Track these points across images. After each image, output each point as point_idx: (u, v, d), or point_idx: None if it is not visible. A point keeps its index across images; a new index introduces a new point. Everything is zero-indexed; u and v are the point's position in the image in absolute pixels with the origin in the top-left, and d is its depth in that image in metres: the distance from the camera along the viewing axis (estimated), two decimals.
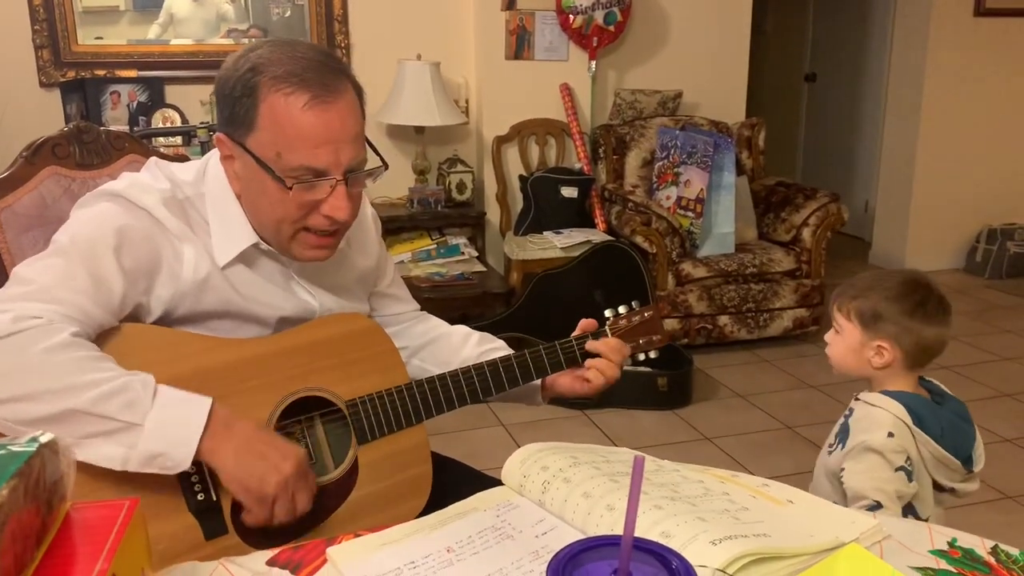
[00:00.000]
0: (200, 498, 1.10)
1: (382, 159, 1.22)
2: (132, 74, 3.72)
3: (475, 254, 3.88)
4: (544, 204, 3.86)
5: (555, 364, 1.34)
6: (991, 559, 0.91)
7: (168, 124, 3.64)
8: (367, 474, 1.22)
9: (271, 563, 0.92)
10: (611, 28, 4.01)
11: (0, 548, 0.56)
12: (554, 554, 0.71)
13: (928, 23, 4.80)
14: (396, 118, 3.80)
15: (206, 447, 1.04)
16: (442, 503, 1.03)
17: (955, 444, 1.41)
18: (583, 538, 0.74)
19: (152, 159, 1.24)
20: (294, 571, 0.91)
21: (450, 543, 0.93)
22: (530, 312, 3.51)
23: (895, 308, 1.42)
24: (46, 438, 0.65)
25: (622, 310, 1.39)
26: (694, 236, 3.82)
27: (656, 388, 3.28)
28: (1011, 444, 2.98)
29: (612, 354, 1.33)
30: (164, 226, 1.14)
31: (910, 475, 1.38)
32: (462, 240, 3.89)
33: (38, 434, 0.65)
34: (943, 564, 0.90)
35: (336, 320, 1.27)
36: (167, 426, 1.02)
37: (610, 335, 1.37)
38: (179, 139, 3.53)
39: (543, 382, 1.39)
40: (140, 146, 1.49)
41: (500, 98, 4.07)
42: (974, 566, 0.89)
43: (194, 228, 1.17)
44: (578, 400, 3.24)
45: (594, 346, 1.34)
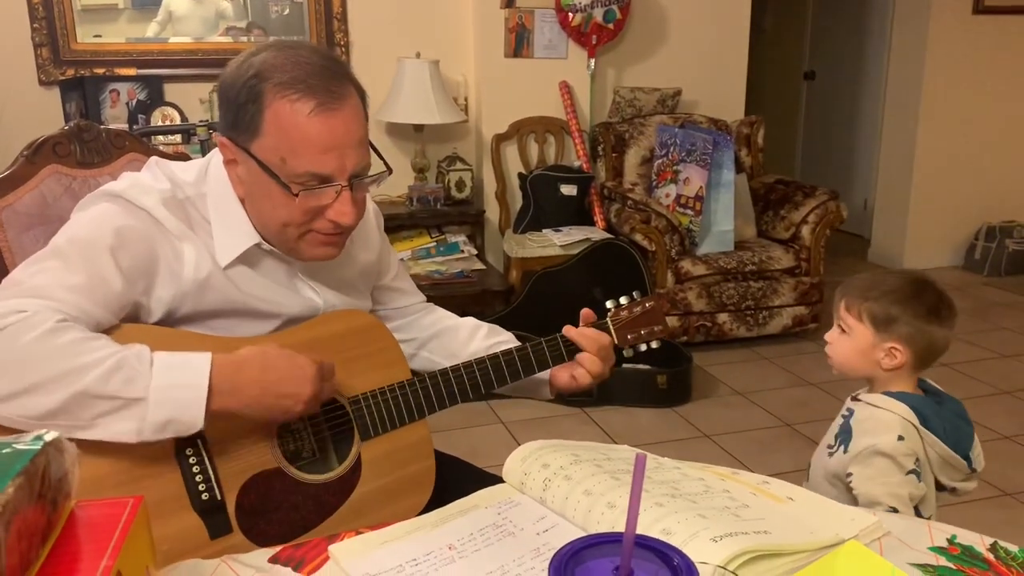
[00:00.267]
0: (204, 497, 1.10)
1: (386, 164, 1.22)
2: (131, 72, 3.72)
3: (474, 252, 3.88)
4: (543, 202, 3.86)
5: (555, 358, 1.33)
6: (990, 556, 0.91)
7: (167, 122, 3.64)
8: (370, 470, 1.22)
9: (273, 560, 0.93)
10: (610, 26, 4.01)
11: (6, 546, 0.56)
12: (556, 551, 0.71)
13: (927, 21, 4.80)
14: (395, 116, 3.80)
15: (216, 405, 1.04)
16: (443, 501, 1.04)
17: (956, 443, 1.40)
18: (584, 535, 0.74)
19: (153, 158, 1.24)
20: (296, 568, 0.91)
21: (452, 540, 0.93)
22: (529, 310, 3.51)
23: (910, 311, 1.41)
24: (50, 436, 0.65)
25: (623, 301, 1.38)
26: (693, 234, 3.83)
27: (656, 386, 3.28)
28: (1010, 441, 2.98)
29: (588, 344, 1.31)
30: (164, 226, 1.14)
31: (919, 477, 1.37)
32: (461, 238, 3.88)
33: (42, 432, 0.66)
34: (942, 561, 0.90)
35: (337, 317, 1.27)
36: (171, 393, 1.02)
37: (612, 327, 1.37)
38: (178, 137, 3.52)
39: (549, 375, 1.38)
40: (140, 144, 1.49)
41: (499, 96, 4.07)
42: (973, 563, 0.90)
43: (195, 228, 1.17)
44: (577, 397, 3.24)
45: (570, 333, 1.32)
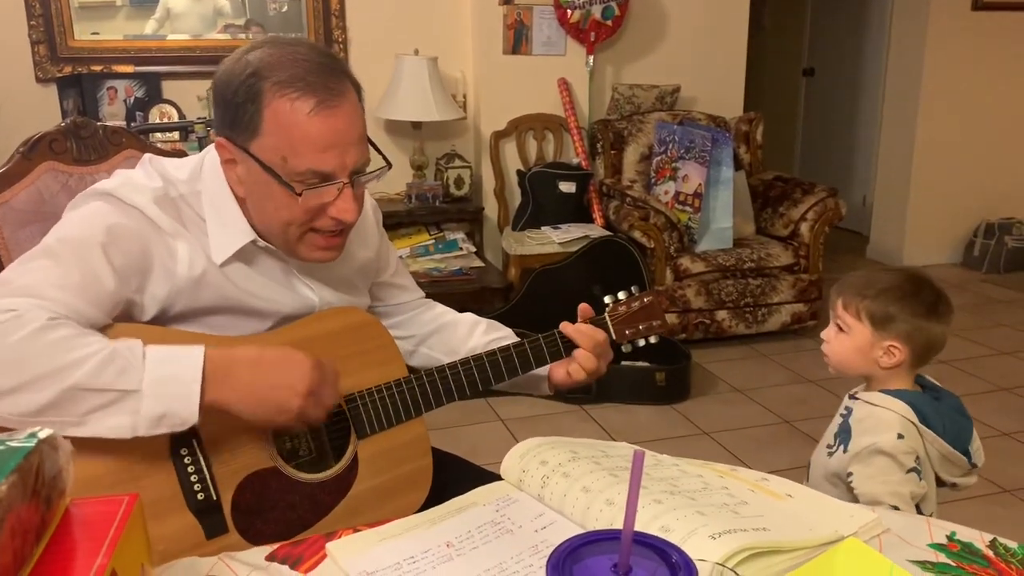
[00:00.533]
0: (200, 497, 1.10)
1: (385, 159, 1.22)
2: (129, 69, 3.71)
3: (473, 249, 3.87)
4: (542, 199, 3.85)
5: (553, 353, 1.33)
6: (989, 552, 0.91)
7: (165, 119, 3.63)
8: (367, 468, 1.22)
9: (270, 558, 0.93)
10: (609, 23, 4.00)
11: None
12: (554, 548, 0.71)
13: (926, 17, 4.79)
14: (394, 113, 3.79)
15: (210, 398, 1.03)
16: (441, 498, 1.03)
17: (955, 439, 1.40)
18: (583, 532, 0.74)
19: (146, 156, 1.23)
20: (293, 566, 0.91)
21: (450, 538, 0.93)
22: (528, 307, 3.51)
23: (908, 308, 1.41)
24: (45, 433, 0.65)
25: (621, 296, 1.38)
26: (692, 231, 3.82)
27: (654, 383, 3.28)
28: (1009, 438, 2.98)
29: (583, 340, 1.31)
30: (156, 224, 1.13)
31: (920, 475, 1.37)
32: (460, 235, 3.88)
33: (36, 429, 0.65)
34: (942, 557, 0.90)
35: (334, 314, 1.26)
36: (164, 385, 1.01)
37: (610, 322, 1.37)
38: (176, 134, 3.52)
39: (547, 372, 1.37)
40: (137, 141, 1.49)
41: (498, 93, 4.06)
42: (973, 559, 0.90)
43: (188, 225, 1.16)
44: (576, 394, 3.24)
45: (566, 329, 1.32)
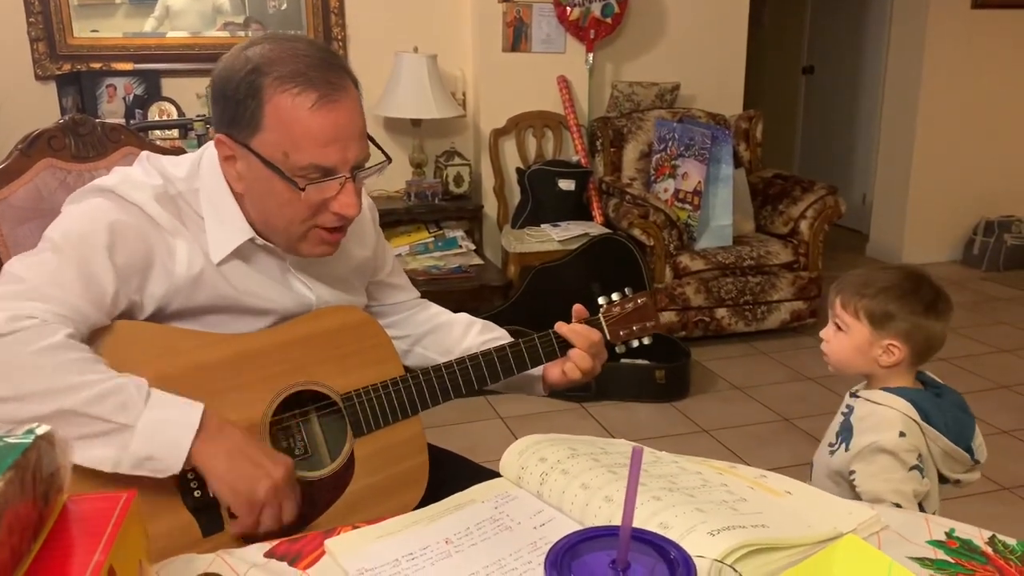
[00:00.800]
0: (197, 495, 1.10)
1: (385, 153, 1.22)
2: (128, 67, 3.71)
3: (472, 247, 3.87)
4: (541, 197, 3.85)
5: (548, 354, 1.33)
6: (988, 549, 0.91)
7: (164, 117, 3.63)
8: (364, 467, 1.22)
9: (269, 555, 0.93)
10: (608, 20, 4.00)
11: None
12: (552, 545, 0.71)
13: (926, 16, 4.79)
14: (393, 111, 3.79)
15: (197, 451, 1.04)
16: (440, 496, 1.04)
17: (957, 436, 1.39)
18: (581, 529, 0.74)
19: (144, 153, 1.23)
20: (292, 563, 0.91)
21: (448, 535, 0.93)
22: (528, 305, 3.51)
23: (907, 307, 1.41)
24: (42, 430, 0.65)
25: (615, 297, 1.39)
26: (692, 229, 3.82)
27: (654, 381, 3.28)
28: (1008, 436, 2.99)
29: (578, 340, 1.32)
30: (156, 222, 1.14)
31: (922, 472, 1.37)
32: (459, 233, 3.88)
33: (34, 426, 0.65)
34: (941, 554, 0.90)
35: (330, 313, 1.26)
36: (159, 429, 1.02)
37: (604, 322, 1.37)
38: (175, 132, 3.52)
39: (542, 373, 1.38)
40: (136, 139, 1.49)
41: (497, 91, 4.06)
42: (972, 556, 0.90)
43: (186, 223, 1.16)
44: (575, 392, 3.24)
45: (561, 329, 1.33)
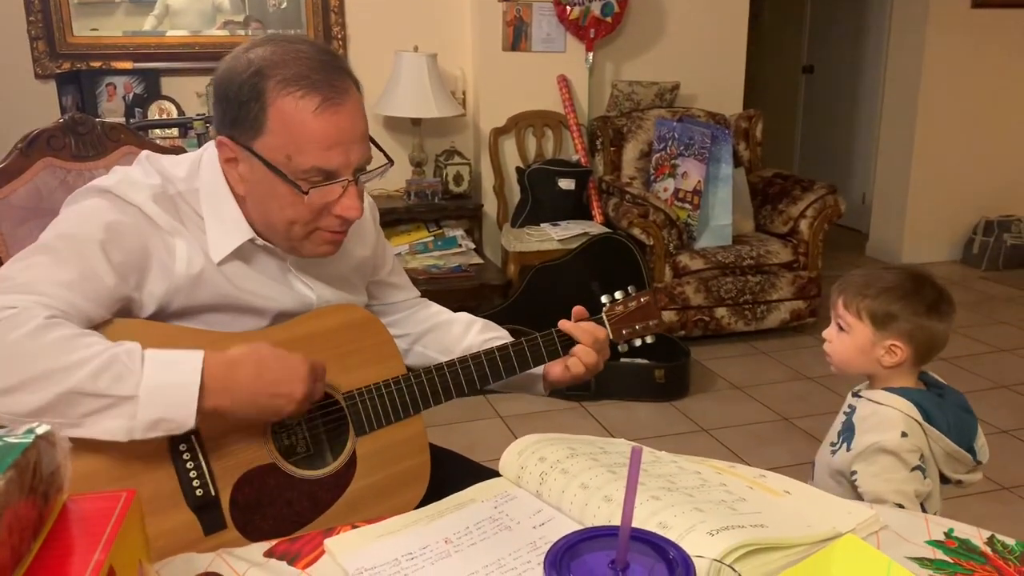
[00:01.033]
0: (199, 493, 1.10)
1: (387, 156, 1.22)
2: (128, 66, 3.70)
3: (472, 246, 3.87)
4: (541, 196, 3.85)
5: (551, 352, 1.33)
6: (987, 549, 0.91)
7: (164, 116, 3.63)
8: (365, 465, 1.22)
9: (268, 554, 0.93)
10: (608, 19, 4.00)
11: None
12: (551, 545, 0.71)
13: (926, 15, 4.79)
14: (393, 110, 3.79)
15: (208, 404, 1.03)
16: (440, 495, 1.04)
17: (960, 436, 1.39)
18: (580, 529, 0.74)
19: (144, 153, 1.23)
20: (291, 562, 0.91)
21: (448, 534, 0.93)
22: (527, 304, 3.51)
23: (909, 307, 1.41)
24: (42, 429, 0.65)
25: (618, 296, 1.39)
26: (691, 228, 3.82)
27: (653, 380, 3.28)
28: (1008, 435, 2.99)
29: (583, 336, 1.32)
30: (154, 222, 1.13)
31: (924, 473, 1.37)
32: (459, 232, 3.88)
33: (34, 425, 0.65)
34: (940, 554, 0.90)
35: (332, 312, 1.26)
36: (161, 391, 1.00)
37: (607, 321, 1.37)
38: (175, 131, 3.52)
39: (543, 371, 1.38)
40: (136, 138, 1.49)
41: (497, 90, 4.06)
42: (970, 556, 0.90)
43: (186, 223, 1.16)
44: (575, 391, 3.24)
45: (565, 326, 1.33)
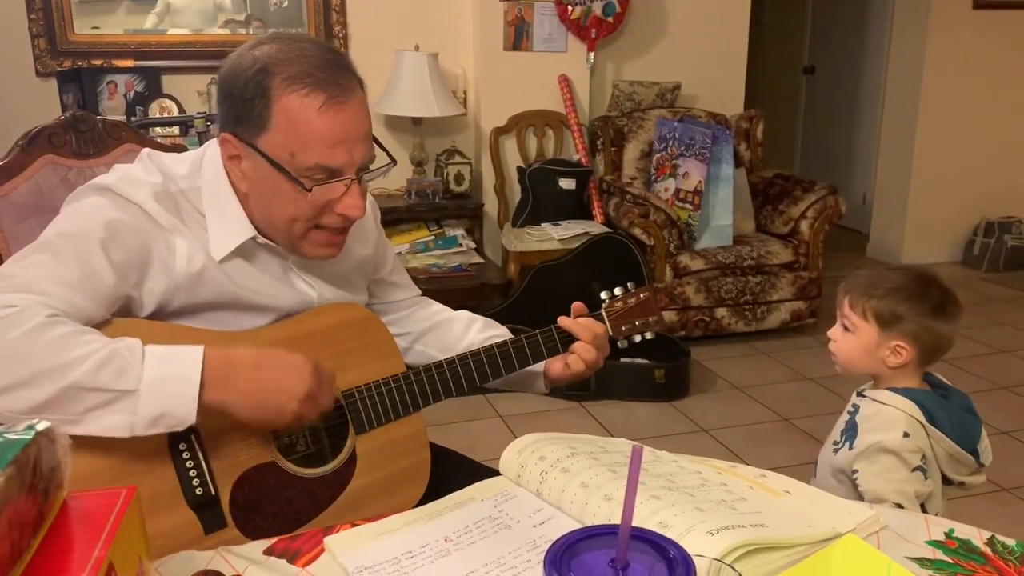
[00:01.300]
0: (198, 492, 1.09)
1: (390, 155, 1.22)
2: (129, 64, 3.70)
3: (473, 246, 3.88)
4: (542, 196, 3.85)
5: (550, 349, 1.33)
6: (987, 550, 0.91)
7: (165, 114, 3.63)
8: (365, 463, 1.22)
9: (268, 552, 0.93)
10: (610, 19, 4.00)
11: None
12: (551, 543, 0.71)
13: (927, 16, 4.79)
14: (394, 109, 3.79)
15: (208, 399, 1.02)
16: (439, 494, 1.04)
17: (963, 438, 1.39)
18: (580, 527, 0.74)
19: (145, 151, 1.23)
20: (291, 560, 0.91)
21: (448, 533, 0.93)
22: (527, 304, 3.51)
23: (916, 308, 1.41)
24: (42, 426, 0.65)
25: (618, 292, 1.39)
26: (692, 228, 3.82)
27: (653, 380, 3.28)
28: (1008, 437, 2.99)
29: (582, 332, 1.32)
30: (155, 220, 1.13)
31: (925, 473, 1.37)
32: (460, 232, 3.88)
33: (34, 422, 0.65)
34: (940, 555, 0.90)
35: (332, 310, 1.26)
36: (162, 386, 1.00)
37: (606, 318, 1.37)
38: (176, 129, 3.52)
39: (543, 369, 1.38)
40: (137, 135, 1.49)
41: (498, 89, 4.05)
42: (970, 556, 0.90)
43: (187, 221, 1.16)
44: (575, 391, 3.24)
45: (564, 323, 1.33)
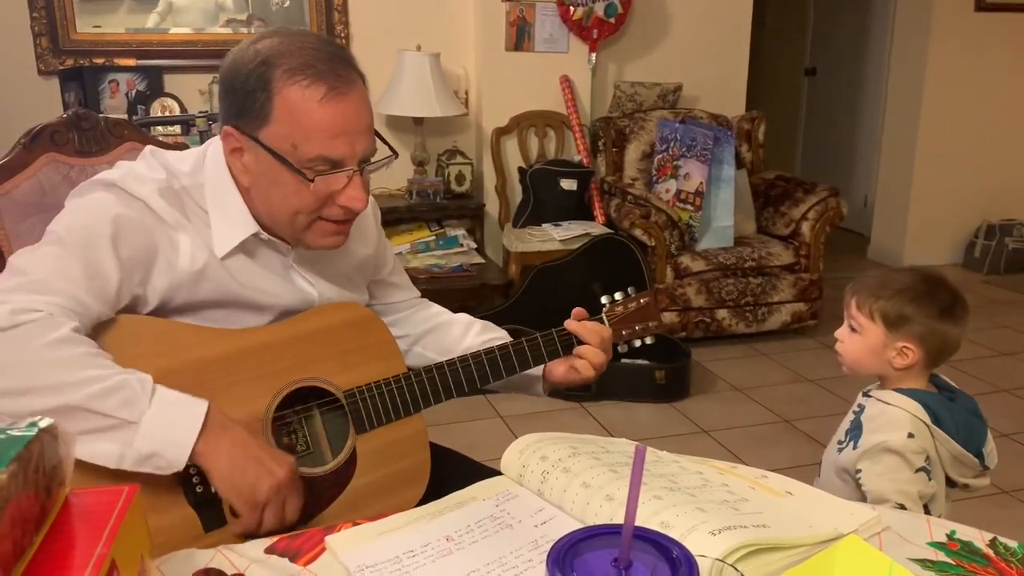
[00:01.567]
0: (199, 491, 1.10)
1: (391, 148, 1.22)
2: (131, 63, 3.71)
3: (474, 246, 3.87)
4: (543, 196, 3.85)
5: (551, 352, 1.33)
6: (990, 551, 0.91)
7: (167, 113, 3.63)
8: (366, 463, 1.22)
9: (269, 551, 0.93)
10: (611, 20, 4.00)
11: None
12: (553, 543, 0.71)
13: (929, 18, 4.79)
14: (395, 109, 3.79)
15: (200, 449, 1.04)
16: (440, 494, 1.04)
17: (968, 440, 1.39)
18: (582, 527, 0.74)
19: (148, 148, 1.23)
20: (293, 559, 0.91)
21: (449, 532, 0.93)
22: (528, 305, 3.51)
23: (923, 310, 1.40)
24: (45, 423, 0.65)
25: (618, 296, 1.39)
26: (693, 229, 3.82)
27: (654, 381, 3.28)
28: (1008, 439, 2.98)
29: (590, 336, 1.32)
30: (160, 216, 1.14)
31: (929, 475, 1.36)
32: (461, 232, 3.88)
33: (37, 419, 0.65)
34: (942, 556, 0.90)
35: (333, 309, 1.26)
36: (163, 426, 1.02)
37: (607, 322, 1.37)
38: (178, 128, 3.52)
39: (543, 372, 1.38)
40: (139, 134, 1.49)
41: (500, 90, 4.05)
42: (972, 558, 0.90)
43: (190, 218, 1.16)
44: (576, 392, 3.24)
45: (571, 326, 1.33)
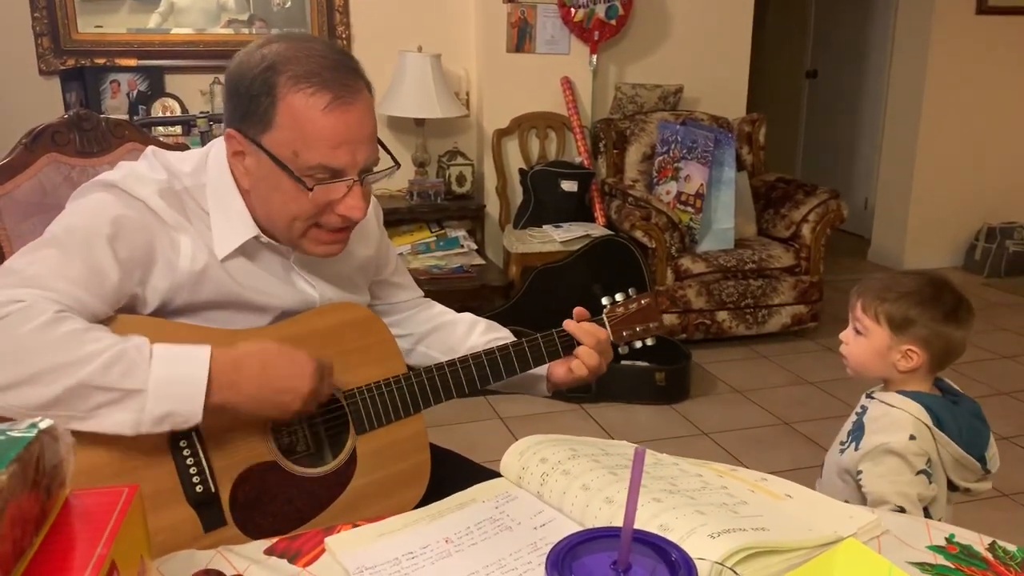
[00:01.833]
0: (199, 490, 1.10)
1: (394, 159, 1.22)
2: (132, 63, 3.71)
3: (474, 247, 3.87)
4: (544, 198, 3.85)
5: (551, 353, 1.33)
6: (988, 555, 0.91)
7: (168, 113, 3.63)
8: (366, 464, 1.22)
9: (269, 552, 0.93)
10: (613, 22, 4.00)
11: None
12: (552, 546, 0.71)
13: (930, 21, 4.79)
14: (396, 110, 3.79)
15: (215, 399, 1.03)
16: (440, 495, 1.04)
17: (971, 444, 1.39)
18: (581, 530, 0.74)
19: (150, 148, 1.23)
20: (292, 560, 0.91)
21: (448, 534, 0.93)
22: (529, 306, 3.51)
23: (928, 313, 1.40)
24: (45, 424, 0.65)
25: (619, 298, 1.39)
26: (693, 231, 3.82)
27: (654, 383, 3.28)
28: (1009, 442, 2.98)
29: (586, 338, 1.32)
30: (160, 217, 1.14)
31: (930, 477, 1.36)
32: (461, 233, 3.88)
33: (37, 420, 0.65)
34: (941, 559, 0.90)
35: (334, 310, 1.26)
36: (170, 385, 1.01)
37: (608, 323, 1.37)
38: (179, 128, 3.52)
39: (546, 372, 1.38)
40: (140, 134, 1.49)
41: (501, 91, 4.06)
42: (971, 562, 0.90)
43: (191, 219, 1.16)
44: (576, 393, 3.24)
45: (568, 327, 1.33)
